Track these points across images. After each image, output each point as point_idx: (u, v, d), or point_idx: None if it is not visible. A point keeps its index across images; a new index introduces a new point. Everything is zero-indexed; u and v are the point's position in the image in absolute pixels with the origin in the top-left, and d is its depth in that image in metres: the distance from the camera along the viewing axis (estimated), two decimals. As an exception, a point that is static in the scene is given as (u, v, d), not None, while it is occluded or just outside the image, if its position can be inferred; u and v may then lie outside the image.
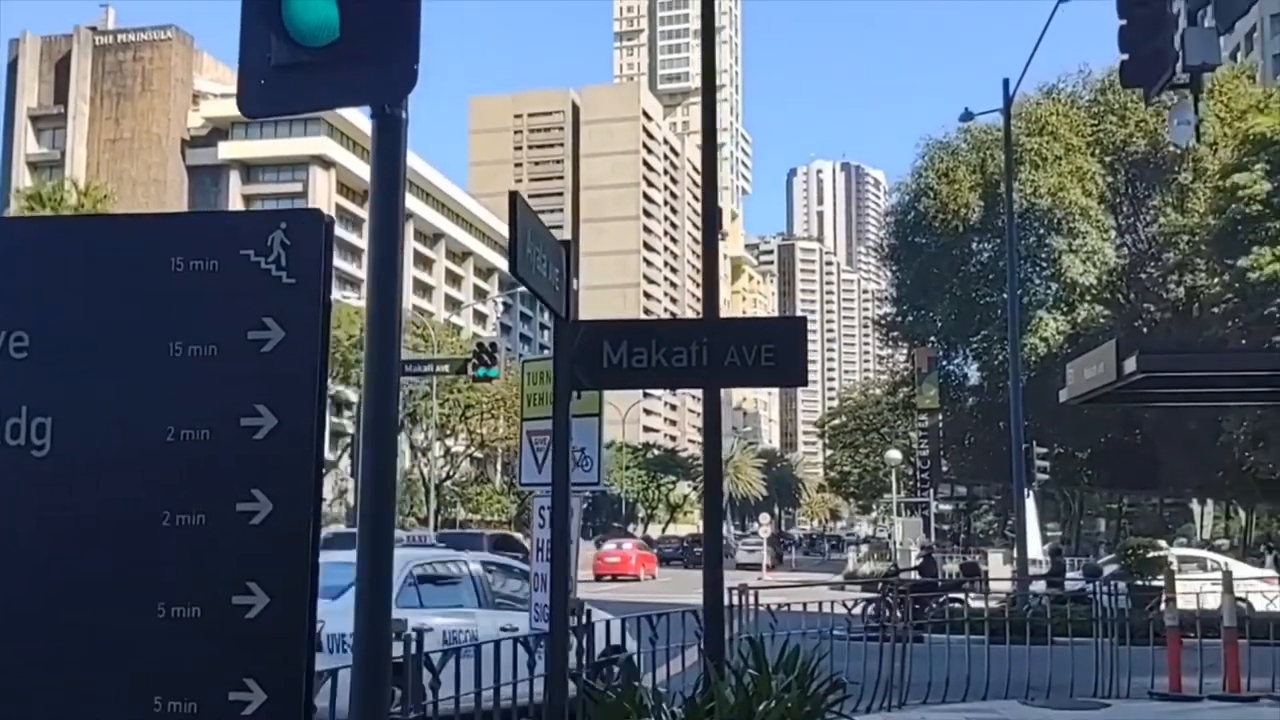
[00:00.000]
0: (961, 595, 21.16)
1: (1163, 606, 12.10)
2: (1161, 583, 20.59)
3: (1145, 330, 46.87)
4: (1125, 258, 50.04)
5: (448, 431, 74.72)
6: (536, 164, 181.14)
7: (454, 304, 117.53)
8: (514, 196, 5.59)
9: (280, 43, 3.93)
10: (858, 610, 15.51)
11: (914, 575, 24.47)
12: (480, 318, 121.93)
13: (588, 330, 6.54)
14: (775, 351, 6.40)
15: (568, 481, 6.58)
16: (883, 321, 62.45)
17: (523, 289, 7.62)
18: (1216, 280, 40.05)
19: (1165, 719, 10.70)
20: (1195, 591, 15.16)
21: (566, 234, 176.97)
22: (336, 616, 5.63)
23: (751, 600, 11.74)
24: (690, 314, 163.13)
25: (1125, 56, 10.94)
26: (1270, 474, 37.83)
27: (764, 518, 61.63)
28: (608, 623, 9.63)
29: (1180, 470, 46.60)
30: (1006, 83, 24.02)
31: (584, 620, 8.26)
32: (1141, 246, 50.23)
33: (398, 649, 6.04)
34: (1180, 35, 10.47)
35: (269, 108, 4.09)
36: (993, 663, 11.80)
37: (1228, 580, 11.91)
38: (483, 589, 11.73)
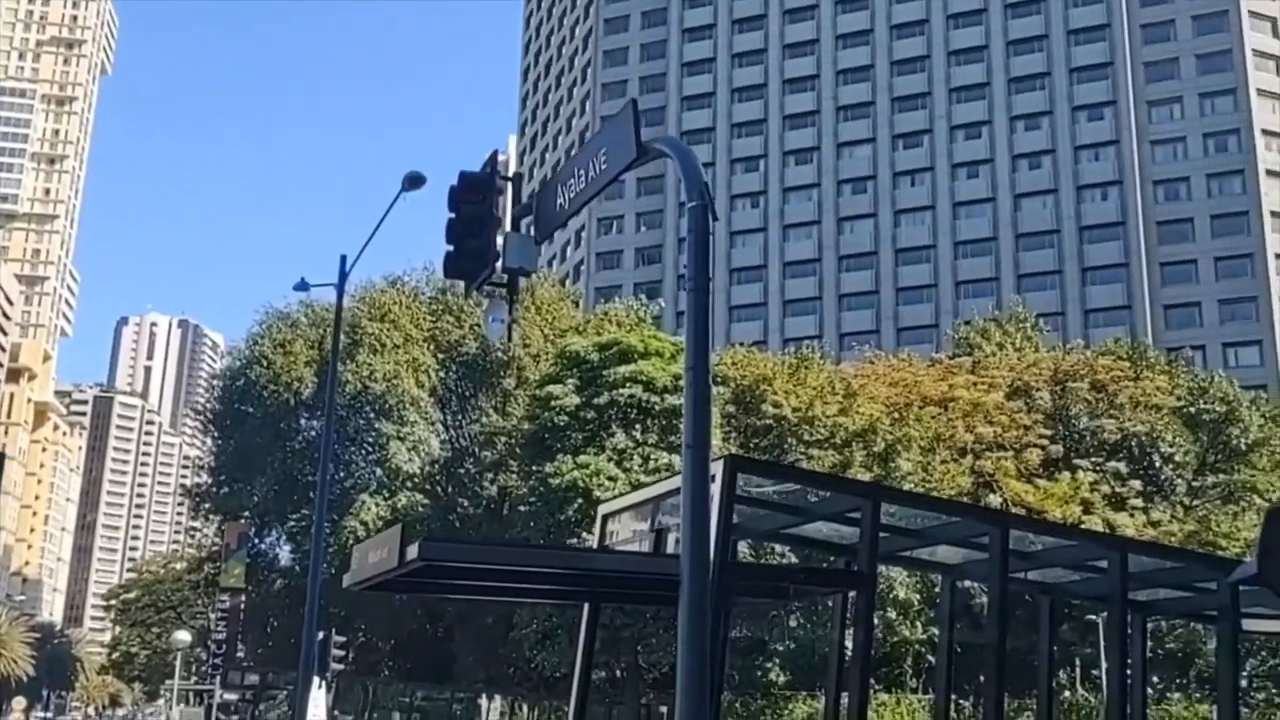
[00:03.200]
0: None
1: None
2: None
3: (459, 523, 48.58)
4: (448, 451, 51.97)
5: None
6: None
7: None
8: None
9: None
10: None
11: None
12: None
13: None
14: None
15: None
16: (196, 491, 59.42)
17: None
18: (525, 483, 42.60)
19: None
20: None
21: None
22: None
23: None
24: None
25: (451, 248, 11.13)
26: (555, 671, 40.05)
27: (19, 701, 54.92)
28: None
29: (474, 664, 48.12)
30: (344, 259, 24.34)
31: None
32: (464, 443, 52.48)
33: None
34: (502, 238, 10.90)
35: None
36: None
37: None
38: None
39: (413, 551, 9.67)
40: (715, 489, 10.29)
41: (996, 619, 11.89)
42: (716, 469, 10.43)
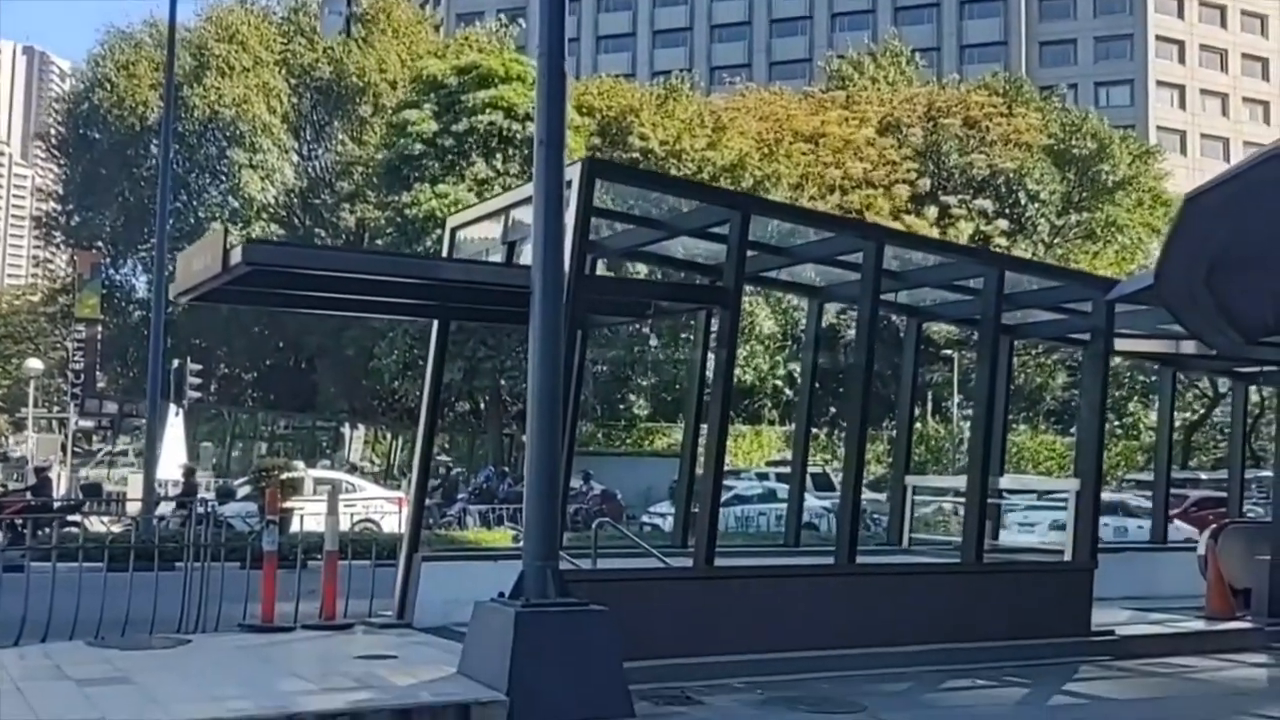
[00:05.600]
0: (80, 518, 19.23)
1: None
2: (297, 504, 20.20)
3: (317, 256, 47.16)
4: (303, 180, 49.97)
5: None
6: None
7: None
8: None
9: None
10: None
11: (26, 497, 21.76)
12: None
13: None
14: None
15: None
16: (45, 220, 56.92)
17: None
18: (383, 214, 41.17)
19: (241, 652, 9.60)
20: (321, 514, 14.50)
21: None
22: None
23: None
24: None
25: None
26: (416, 401, 39.67)
27: None
28: None
29: (337, 395, 47.77)
30: (178, -41, 22.01)
31: None
32: (320, 173, 50.46)
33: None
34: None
35: None
36: (96, 593, 10.11)
37: (332, 501, 11.29)
38: None
39: (236, 255, 8.65)
40: (571, 195, 9.41)
41: (865, 341, 11.42)
42: (573, 173, 9.52)
